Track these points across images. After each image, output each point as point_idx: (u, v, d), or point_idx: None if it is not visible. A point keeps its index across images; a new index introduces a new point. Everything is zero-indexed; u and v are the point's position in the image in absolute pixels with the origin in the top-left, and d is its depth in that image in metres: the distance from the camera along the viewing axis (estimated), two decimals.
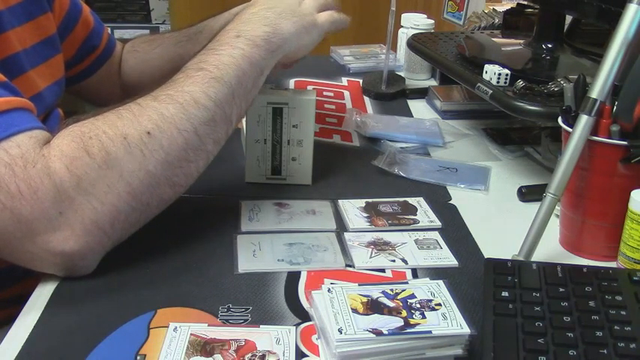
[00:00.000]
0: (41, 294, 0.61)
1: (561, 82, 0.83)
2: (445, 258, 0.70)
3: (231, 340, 0.55)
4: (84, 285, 0.63)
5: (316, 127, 0.92)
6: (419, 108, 1.17)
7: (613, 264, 0.68)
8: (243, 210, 0.77)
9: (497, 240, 0.73)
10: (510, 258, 0.65)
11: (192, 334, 0.55)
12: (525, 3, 1.21)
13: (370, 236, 0.73)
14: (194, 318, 0.59)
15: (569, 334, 0.53)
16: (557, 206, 0.68)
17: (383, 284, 0.60)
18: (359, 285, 0.60)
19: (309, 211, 0.78)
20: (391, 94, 1.20)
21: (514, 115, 0.85)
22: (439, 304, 0.56)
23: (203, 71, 0.68)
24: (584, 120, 0.66)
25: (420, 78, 1.32)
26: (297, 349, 0.55)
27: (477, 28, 1.33)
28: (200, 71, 0.68)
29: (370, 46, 1.48)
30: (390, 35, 1.15)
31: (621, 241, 0.67)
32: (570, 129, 0.67)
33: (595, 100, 0.66)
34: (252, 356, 0.53)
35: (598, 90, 0.66)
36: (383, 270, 0.67)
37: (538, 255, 0.67)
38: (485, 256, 0.68)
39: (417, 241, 0.72)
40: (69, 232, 0.59)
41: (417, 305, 0.56)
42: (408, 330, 0.53)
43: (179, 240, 0.71)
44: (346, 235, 0.73)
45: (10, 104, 0.62)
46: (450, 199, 0.84)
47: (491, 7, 1.46)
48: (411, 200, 0.81)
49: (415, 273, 0.67)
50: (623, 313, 0.55)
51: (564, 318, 0.55)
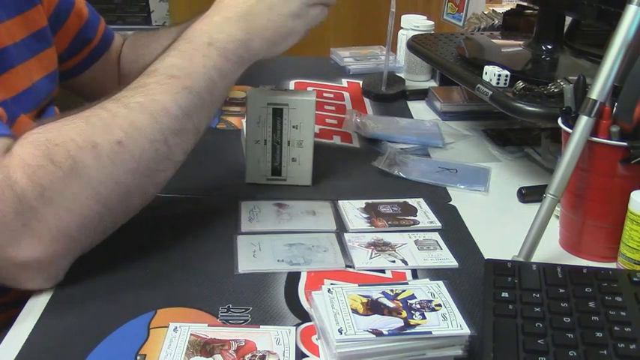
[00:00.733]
0: (41, 294, 0.61)
1: (561, 83, 0.84)
2: (445, 259, 0.70)
3: (231, 341, 0.55)
4: (84, 285, 0.63)
5: (316, 128, 0.92)
6: (419, 109, 1.17)
7: (613, 265, 0.68)
8: (243, 210, 0.77)
9: (497, 241, 0.73)
10: (510, 259, 0.65)
11: (192, 334, 0.55)
12: (525, 4, 1.21)
13: (370, 237, 0.73)
14: (194, 318, 0.59)
15: (569, 334, 0.53)
16: (557, 207, 0.68)
17: (383, 285, 0.60)
18: (359, 285, 0.60)
19: (309, 212, 0.78)
20: (391, 95, 1.20)
21: (514, 116, 0.85)
22: (439, 304, 0.56)
23: (174, 79, 0.66)
24: (583, 121, 0.66)
25: (420, 79, 1.32)
26: (297, 349, 0.55)
27: (476, 29, 1.33)
28: (172, 79, 0.66)
29: (370, 48, 1.48)
30: (390, 36, 1.15)
31: (621, 242, 0.67)
32: (570, 130, 0.67)
33: (595, 101, 0.66)
34: (252, 356, 0.53)
35: (598, 91, 0.66)
36: (383, 271, 0.67)
37: (538, 256, 0.67)
38: (485, 257, 0.68)
39: (417, 242, 0.72)
40: (35, 241, 0.57)
41: (417, 306, 0.56)
42: (408, 330, 0.53)
43: (179, 240, 0.71)
44: (346, 236, 0.73)
45: None
46: (450, 200, 0.84)
47: (491, 9, 1.46)
48: (411, 201, 0.81)
49: (415, 274, 0.67)
50: (623, 314, 0.55)
51: (564, 319, 0.55)
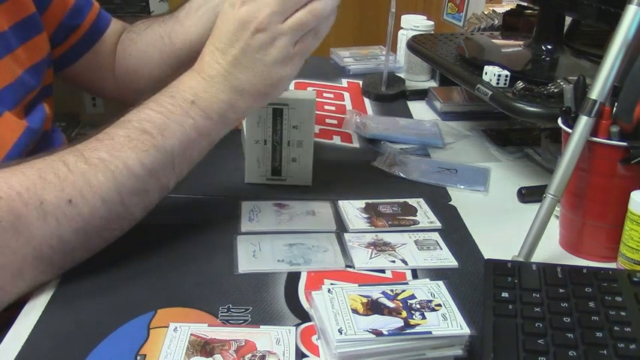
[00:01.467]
0: (41, 294, 0.61)
1: (561, 83, 0.84)
2: (445, 259, 0.70)
3: (232, 341, 0.55)
4: (84, 285, 0.63)
5: (316, 128, 0.92)
6: (419, 109, 1.17)
7: (613, 265, 0.68)
8: (243, 210, 0.77)
9: (497, 241, 0.73)
10: (510, 259, 0.66)
11: (192, 334, 0.55)
12: (525, 4, 1.21)
13: (370, 237, 0.73)
14: (194, 318, 0.59)
15: (569, 334, 0.53)
16: (557, 207, 0.68)
17: (383, 285, 0.60)
18: (359, 285, 0.60)
19: (309, 212, 0.78)
20: (391, 95, 1.20)
21: (514, 117, 0.85)
22: (439, 304, 0.56)
23: (146, 135, 0.62)
24: (583, 121, 0.66)
25: (420, 79, 1.32)
26: (297, 349, 0.55)
27: (476, 29, 1.33)
28: (143, 134, 0.62)
29: (370, 48, 1.48)
30: (390, 37, 1.15)
31: (621, 242, 0.67)
32: (570, 130, 0.67)
33: (595, 101, 0.66)
34: (252, 356, 0.53)
35: (598, 91, 0.66)
36: (383, 271, 0.67)
37: (538, 256, 0.67)
38: (485, 257, 0.68)
39: (417, 242, 0.72)
40: None
41: (417, 306, 0.56)
42: (408, 330, 0.53)
43: (179, 240, 0.71)
44: (346, 236, 0.73)
45: None
46: (450, 200, 0.84)
47: (491, 9, 1.46)
48: (411, 201, 0.81)
49: (415, 274, 0.67)
50: (623, 313, 0.55)
51: (564, 319, 0.55)
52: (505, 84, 0.88)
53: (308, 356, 0.55)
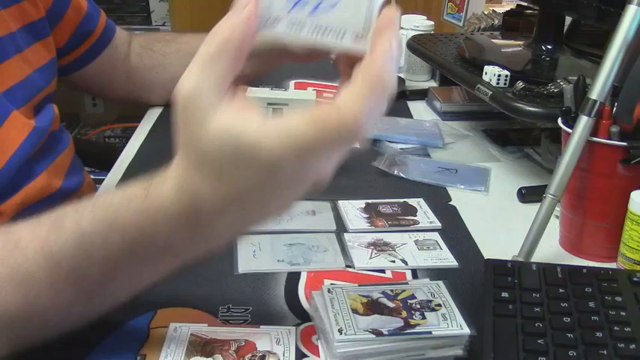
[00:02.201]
0: None
1: (561, 83, 0.84)
2: (445, 259, 0.70)
3: (231, 341, 0.55)
4: None
5: None
6: (419, 109, 1.17)
7: (613, 265, 0.68)
8: None
9: (497, 241, 0.73)
10: (510, 259, 0.66)
11: (192, 334, 0.55)
12: (525, 4, 1.21)
13: (370, 237, 0.73)
14: (194, 318, 0.59)
15: (569, 334, 0.53)
16: (556, 207, 0.68)
17: (383, 285, 0.60)
18: (359, 285, 0.60)
19: (308, 212, 0.78)
20: None
21: (514, 117, 0.85)
22: (439, 304, 0.56)
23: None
24: (583, 121, 0.66)
25: (420, 79, 1.32)
26: (297, 349, 0.55)
27: (476, 29, 1.33)
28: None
29: None
30: None
31: (621, 242, 0.67)
32: (570, 130, 0.67)
33: (595, 101, 0.66)
34: (252, 356, 0.53)
35: (598, 91, 0.66)
36: (383, 271, 0.67)
37: (538, 256, 0.67)
38: (485, 257, 0.68)
39: (416, 242, 0.72)
40: None
41: (417, 306, 0.56)
42: (408, 330, 0.53)
43: None
44: (346, 236, 0.73)
45: None
46: (450, 200, 0.84)
47: (491, 9, 1.46)
48: (411, 201, 0.81)
49: (415, 274, 0.67)
50: (622, 313, 0.55)
51: (564, 319, 0.55)
52: (505, 84, 0.88)
53: (308, 356, 0.55)
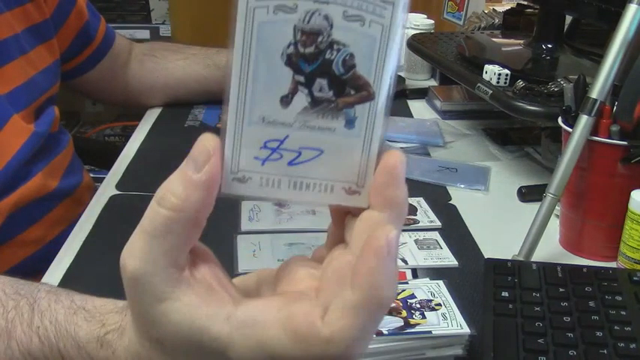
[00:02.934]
0: None
1: (561, 82, 0.83)
2: (445, 258, 0.69)
3: None
4: (84, 285, 0.62)
5: None
6: (419, 108, 1.17)
7: (613, 264, 0.68)
8: (243, 210, 0.77)
9: (497, 240, 0.73)
10: (510, 258, 0.65)
11: None
12: (525, 3, 1.21)
13: None
14: None
15: (569, 334, 0.53)
16: (557, 206, 0.68)
17: None
18: None
19: (309, 211, 0.78)
20: None
21: (514, 116, 0.85)
22: (439, 304, 0.56)
23: None
24: (584, 120, 0.66)
25: (420, 78, 1.32)
26: None
27: (476, 28, 1.33)
28: None
29: None
30: None
31: (621, 241, 0.67)
32: (570, 129, 0.67)
33: (595, 100, 0.66)
34: None
35: (598, 90, 0.66)
36: None
37: (538, 255, 0.67)
38: (485, 256, 0.68)
39: (417, 241, 0.72)
40: None
41: (417, 305, 0.56)
42: (407, 330, 0.53)
43: None
44: None
45: None
46: (450, 199, 0.84)
47: (491, 8, 1.46)
48: (411, 200, 0.81)
49: (415, 273, 0.67)
50: (623, 313, 0.55)
51: (564, 318, 0.54)
52: (505, 83, 0.88)
53: None
